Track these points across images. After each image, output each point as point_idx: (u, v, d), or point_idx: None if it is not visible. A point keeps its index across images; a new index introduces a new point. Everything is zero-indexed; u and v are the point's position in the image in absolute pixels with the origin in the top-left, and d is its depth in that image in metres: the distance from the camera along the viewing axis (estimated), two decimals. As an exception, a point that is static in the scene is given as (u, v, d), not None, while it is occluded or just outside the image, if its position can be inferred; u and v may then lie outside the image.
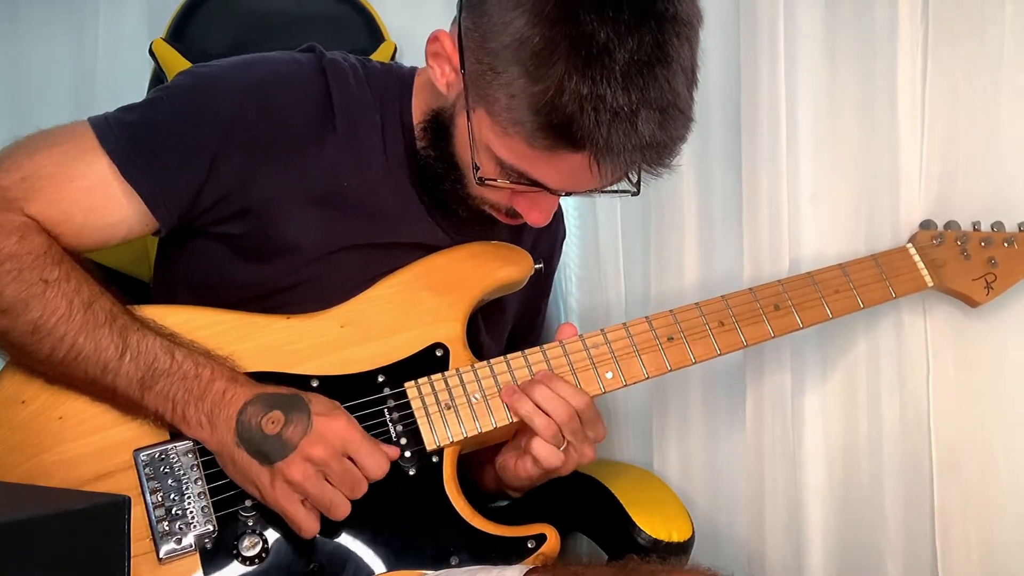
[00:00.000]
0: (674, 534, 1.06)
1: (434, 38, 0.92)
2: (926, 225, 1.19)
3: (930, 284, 1.15)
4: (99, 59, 1.56)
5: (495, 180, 0.89)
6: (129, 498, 0.69)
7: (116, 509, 0.66)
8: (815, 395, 1.26)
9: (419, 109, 1.00)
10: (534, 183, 0.88)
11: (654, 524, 1.06)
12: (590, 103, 0.79)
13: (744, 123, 1.25)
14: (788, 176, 1.22)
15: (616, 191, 0.91)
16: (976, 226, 1.19)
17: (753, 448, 1.30)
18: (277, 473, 0.85)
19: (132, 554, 0.84)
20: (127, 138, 0.90)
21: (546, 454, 0.95)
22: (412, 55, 1.08)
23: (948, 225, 1.19)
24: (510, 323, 1.17)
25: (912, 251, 1.16)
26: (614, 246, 1.41)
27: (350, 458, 0.87)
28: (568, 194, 0.92)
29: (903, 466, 1.24)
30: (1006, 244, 1.17)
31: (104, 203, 0.90)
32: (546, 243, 1.19)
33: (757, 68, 1.22)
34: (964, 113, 1.18)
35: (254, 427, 0.85)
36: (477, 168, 0.90)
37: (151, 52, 1.28)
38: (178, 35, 1.30)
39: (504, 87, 0.82)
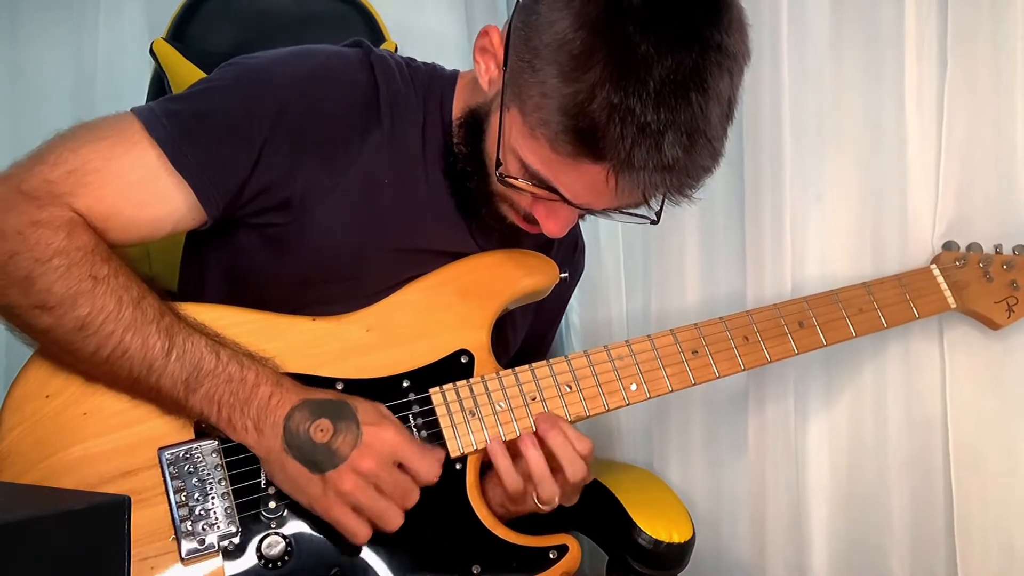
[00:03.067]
0: (675, 534, 1.07)
1: (484, 32, 0.91)
2: (948, 246, 1.20)
3: (953, 306, 1.15)
4: (99, 59, 1.55)
5: (516, 179, 0.88)
6: (129, 498, 0.68)
7: (116, 509, 0.66)
8: (821, 395, 1.27)
9: (459, 107, 0.99)
10: (552, 190, 0.87)
11: (655, 525, 1.07)
12: (618, 113, 0.77)
13: (746, 132, 1.26)
14: (791, 185, 1.22)
15: (634, 214, 0.90)
16: (998, 248, 1.19)
17: (756, 448, 1.30)
18: (328, 482, 0.85)
19: (155, 553, 0.85)
20: (176, 128, 0.89)
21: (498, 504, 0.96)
22: (412, 54, 1.08)
23: (970, 247, 1.19)
24: (522, 333, 1.16)
25: (936, 272, 1.16)
26: (615, 259, 1.40)
27: (401, 465, 0.87)
28: (586, 210, 0.90)
29: (911, 467, 1.25)
30: (1028, 268, 1.17)
31: (153, 196, 0.89)
32: (567, 257, 1.18)
33: (759, 72, 1.23)
34: (980, 118, 1.19)
35: (302, 435, 0.85)
36: (500, 164, 0.89)
37: (152, 52, 1.28)
38: (179, 35, 1.31)
39: (538, 85, 0.82)
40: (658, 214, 0.89)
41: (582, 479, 0.93)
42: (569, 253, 1.18)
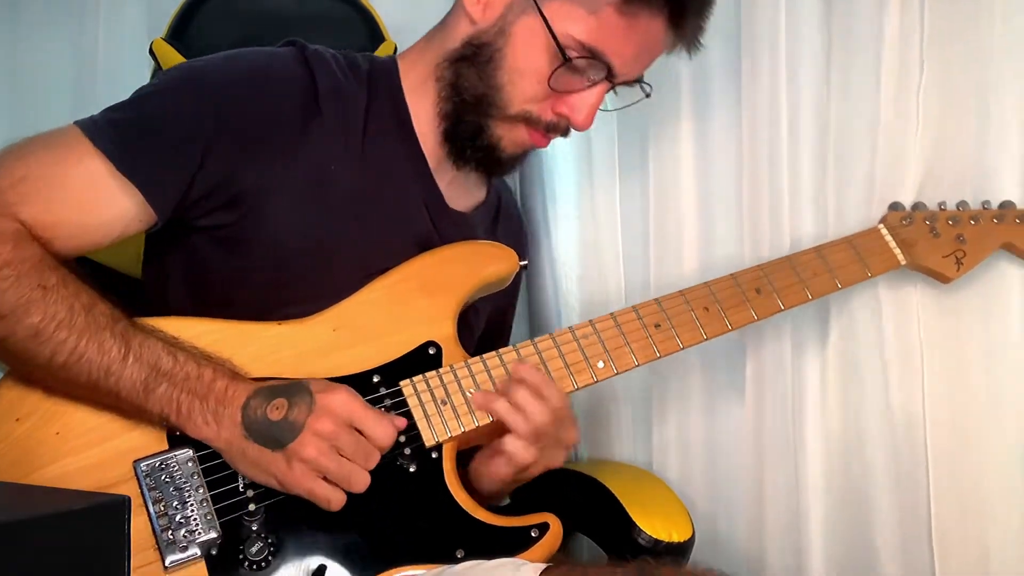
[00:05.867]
0: (674, 534, 1.07)
1: None
2: (895, 207, 1.23)
3: (903, 262, 1.18)
4: (99, 59, 1.56)
5: (576, 52, 0.96)
6: (129, 498, 0.69)
7: (116, 509, 0.66)
8: (815, 392, 1.27)
9: (423, 70, 1.04)
10: (605, 63, 0.97)
11: (654, 524, 1.07)
12: None
13: (744, 110, 1.28)
14: (788, 162, 1.25)
15: (638, 82, 1.05)
16: (942, 206, 1.22)
17: (752, 447, 1.31)
18: (291, 455, 0.86)
19: (137, 565, 0.85)
20: (119, 134, 0.91)
21: (518, 450, 0.96)
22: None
23: (916, 206, 1.22)
24: (484, 314, 1.18)
25: (884, 231, 1.19)
26: (614, 246, 1.41)
27: (358, 430, 0.89)
28: (617, 86, 1.03)
29: (898, 464, 1.25)
30: (972, 222, 1.21)
31: (99, 201, 0.90)
32: (515, 239, 1.22)
33: (757, 59, 1.26)
34: (954, 107, 1.22)
35: (260, 417, 0.86)
36: (564, 51, 0.96)
37: (151, 52, 1.27)
38: (178, 35, 1.31)
39: None
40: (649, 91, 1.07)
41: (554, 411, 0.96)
42: (517, 236, 1.22)
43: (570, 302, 1.43)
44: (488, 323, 1.18)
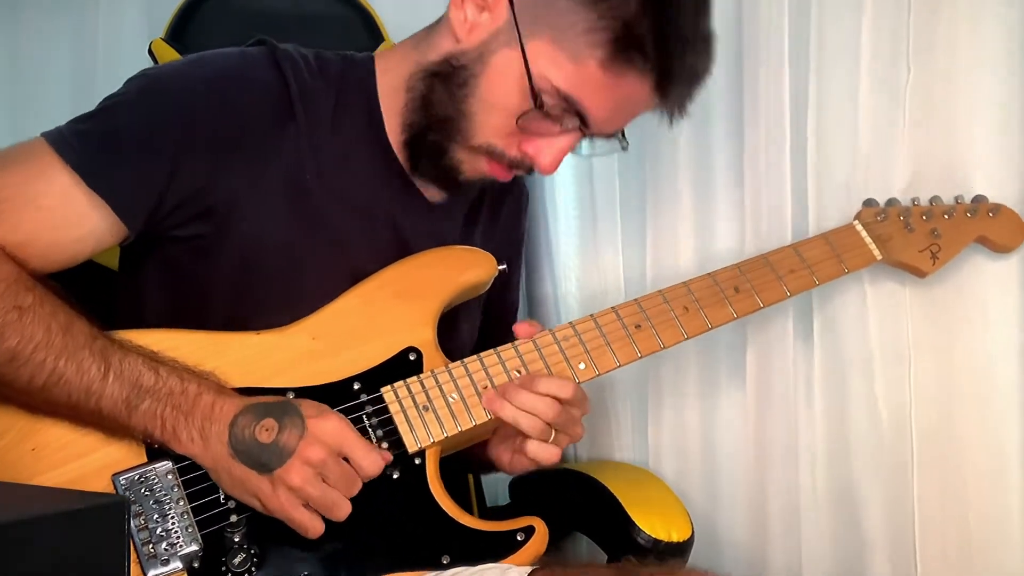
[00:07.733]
0: (674, 534, 1.07)
1: None
2: (869, 203, 1.23)
3: (879, 257, 1.19)
4: (99, 59, 1.56)
5: (551, 98, 0.92)
6: (129, 498, 0.69)
7: (116, 509, 0.66)
8: (809, 392, 1.28)
9: (399, 75, 1.01)
10: (578, 114, 0.93)
11: (654, 524, 1.07)
12: (671, 28, 0.90)
13: (746, 113, 1.28)
14: (789, 162, 1.25)
15: (616, 136, 1.01)
16: (915, 201, 1.23)
17: (752, 447, 1.31)
18: (277, 481, 0.85)
19: (118, 580, 0.83)
20: (86, 147, 0.89)
21: (542, 454, 0.96)
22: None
23: (889, 202, 1.23)
24: (477, 322, 1.17)
25: (859, 227, 1.20)
26: (614, 245, 1.41)
27: (344, 458, 0.87)
28: (589, 136, 0.98)
29: (887, 461, 1.26)
30: (946, 216, 1.22)
31: (70, 217, 0.89)
32: (504, 243, 1.20)
33: (758, 59, 1.26)
34: (936, 107, 1.23)
35: (248, 437, 0.85)
36: (537, 95, 0.92)
37: (150, 52, 1.28)
38: (177, 35, 1.31)
39: (580, 11, 0.89)
40: (625, 146, 1.03)
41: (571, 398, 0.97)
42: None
43: (569, 302, 1.43)
44: (485, 320, 1.17)
